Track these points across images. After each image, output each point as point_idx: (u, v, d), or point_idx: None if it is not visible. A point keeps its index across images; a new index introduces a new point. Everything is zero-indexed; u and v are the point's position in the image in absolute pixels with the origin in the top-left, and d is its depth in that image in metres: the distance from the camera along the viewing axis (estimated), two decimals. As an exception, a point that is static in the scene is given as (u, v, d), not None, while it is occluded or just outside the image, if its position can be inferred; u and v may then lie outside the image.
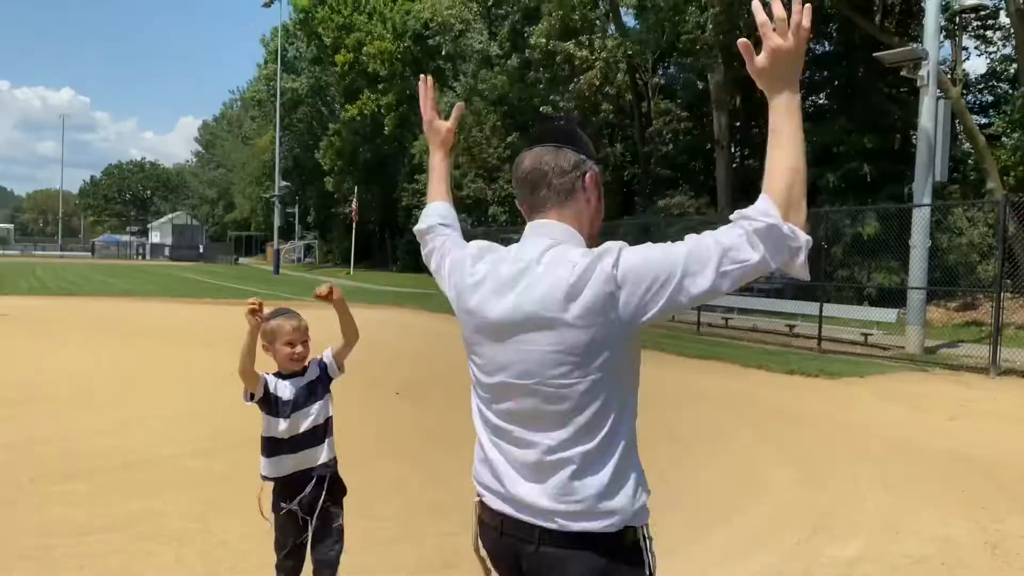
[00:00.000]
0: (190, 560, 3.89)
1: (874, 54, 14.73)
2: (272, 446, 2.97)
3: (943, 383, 10.42)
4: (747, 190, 28.39)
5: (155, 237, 79.52)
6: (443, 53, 39.29)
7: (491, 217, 32.15)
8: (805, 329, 15.24)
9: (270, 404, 2.95)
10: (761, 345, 14.43)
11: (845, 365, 11.61)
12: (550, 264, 1.69)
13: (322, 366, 3.07)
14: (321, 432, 3.01)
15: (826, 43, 27.00)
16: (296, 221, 66.13)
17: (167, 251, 70.48)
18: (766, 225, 1.55)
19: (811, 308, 15.22)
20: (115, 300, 21.92)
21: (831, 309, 15.06)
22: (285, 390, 2.97)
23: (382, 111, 43.53)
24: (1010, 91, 24.24)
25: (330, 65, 47.46)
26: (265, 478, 3.02)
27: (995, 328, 11.24)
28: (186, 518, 4.47)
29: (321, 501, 2.97)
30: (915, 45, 14.15)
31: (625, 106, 30.71)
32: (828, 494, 5.37)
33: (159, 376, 9.62)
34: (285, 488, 2.98)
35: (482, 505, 1.83)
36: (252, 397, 2.94)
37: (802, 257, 1.57)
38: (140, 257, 70.71)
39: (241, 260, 69.25)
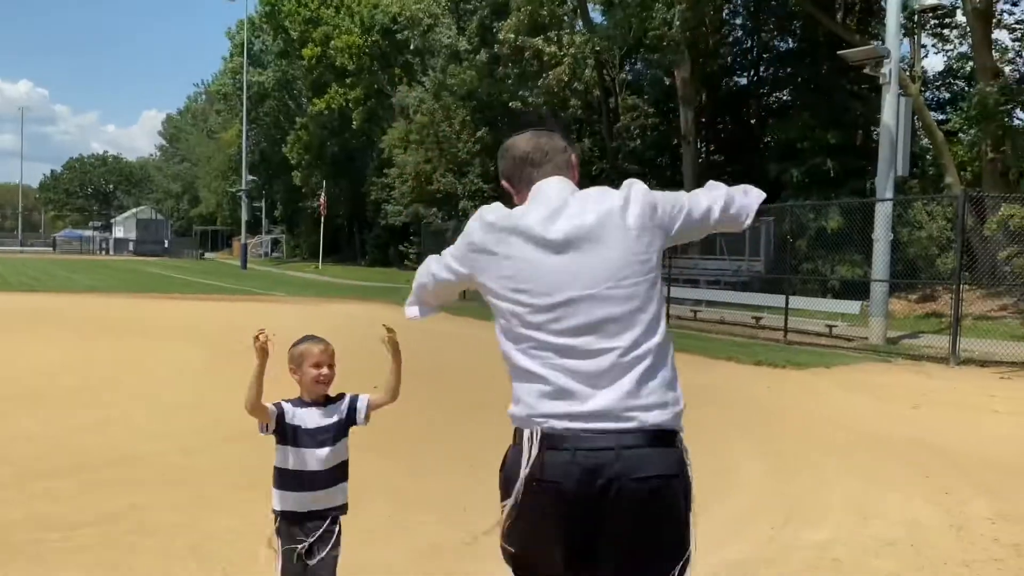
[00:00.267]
0: (181, 555, 3.95)
1: (838, 52, 15.06)
2: (288, 479, 2.82)
3: (905, 373, 10.74)
4: (714, 185, 28.77)
5: (119, 232, 78.23)
6: (411, 48, 39.15)
7: (462, 211, 32.19)
8: (771, 321, 15.55)
9: (286, 435, 2.82)
10: (729, 337, 14.70)
11: (811, 356, 11.91)
12: (584, 197, 2.01)
13: (352, 410, 2.95)
14: (341, 472, 2.91)
15: (790, 40, 27.47)
16: (263, 215, 65.53)
17: (131, 246, 69.34)
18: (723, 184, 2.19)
19: (777, 300, 15.54)
20: (81, 296, 21.61)
21: (797, 301, 15.39)
22: (308, 419, 2.85)
23: (350, 105, 43.32)
24: (966, 88, 24.85)
25: (297, 59, 47.07)
26: (277, 513, 2.86)
27: (955, 319, 11.60)
28: (173, 513, 4.52)
29: (331, 539, 2.86)
30: (876, 43, 14.51)
31: (593, 102, 30.93)
32: (799, 483, 5.57)
33: (137, 373, 9.59)
34: (296, 525, 2.83)
35: (546, 435, 1.85)
36: (267, 428, 2.84)
37: (753, 189, 2.16)
38: (103, 252, 69.49)
39: (207, 255, 68.45)
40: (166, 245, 70.26)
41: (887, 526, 4.67)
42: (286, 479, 2.82)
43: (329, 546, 2.82)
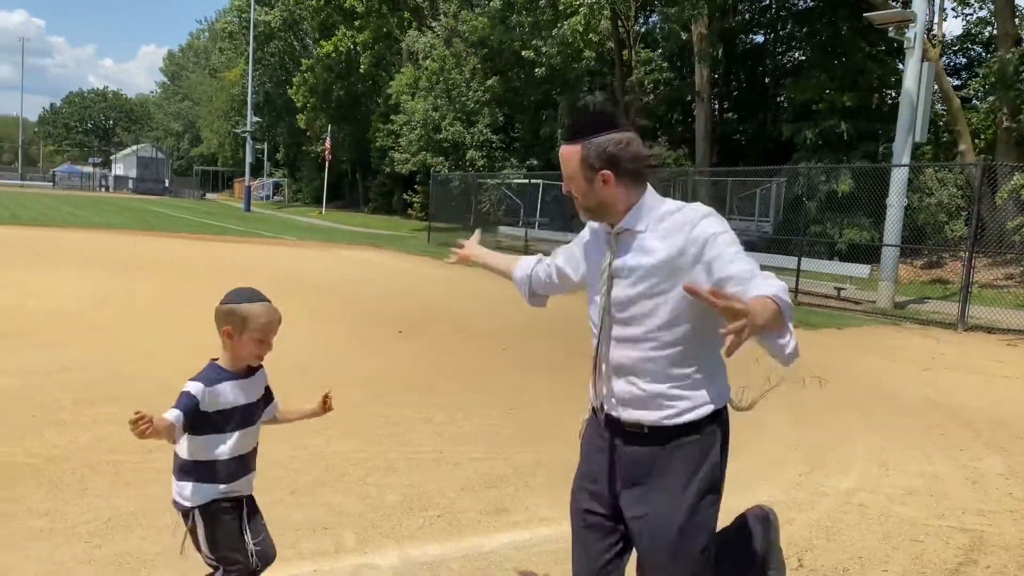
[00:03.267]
0: (248, 479, 4.17)
1: (864, 14, 14.97)
2: (215, 470, 2.38)
3: (914, 337, 10.97)
4: (726, 143, 28.75)
5: (119, 169, 77.83)
6: (422, -9, 38.67)
7: (469, 161, 32.11)
8: (780, 282, 15.71)
9: (213, 421, 2.33)
10: (739, 296, 14.87)
11: (822, 317, 12.13)
12: None
13: (268, 397, 2.56)
14: (254, 457, 2.53)
15: (809, -1, 27.18)
16: (265, 158, 65.18)
17: (131, 184, 69.11)
18: None
19: (788, 262, 15.70)
20: (92, 233, 21.71)
21: (808, 263, 15.55)
22: (232, 394, 2.38)
23: (358, 49, 42.83)
24: (983, 54, 24.71)
25: (305, -1, 46.42)
26: (208, 506, 2.39)
27: (965, 286, 11.78)
28: (234, 441, 4.73)
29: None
30: (897, 5, 14.43)
31: (606, 54, 30.63)
32: (821, 435, 5.80)
33: (167, 310, 9.78)
34: (224, 507, 2.44)
35: None
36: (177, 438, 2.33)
37: None
38: (103, 189, 69.25)
39: (207, 196, 68.28)
40: (166, 184, 70.02)
41: (907, 478, 4.92)
42: (214, 470, 2.38)
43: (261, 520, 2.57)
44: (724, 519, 3.97)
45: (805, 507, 4.33)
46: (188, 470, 2.37)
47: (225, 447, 2.37)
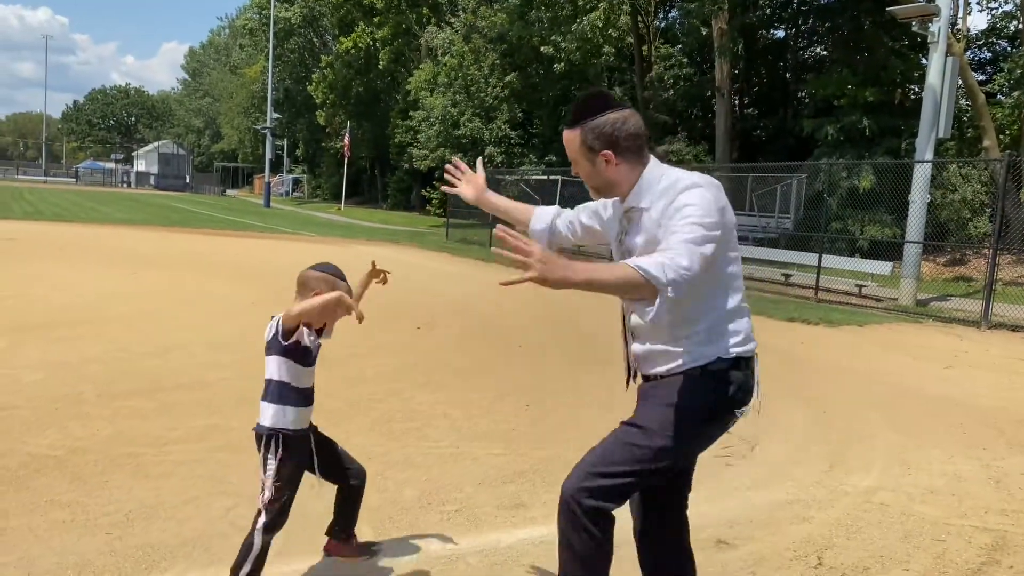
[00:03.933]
0: (269, 471, 4.19)
1: (887, 8, 14.80)
2: (302, 396, 2.83)
3: (937, 334, 10.86)
4: (746, 139, 28.56)
5: (140, 165, 78.49)
6: (441, -13, 38.66)
7: (487, 157, 32.09)
8: (800, 279, 15.61)
9: (303, 352, 2.80)
10: (758, 293, 14.78)
11: (843, 315, 12.02)
12: None
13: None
14: None
15: (831, -7, 26.89)
16: (284, 154, 65.53)
17: (153, 180, 69.68)
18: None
19: (809, 259, 15.58)
20: (115, 229, 21.94)
21: (828, 260, 15.42)
22: (311, 339, 2.84)
23: (377, 45, 42.93)
24: (1009, 48, 24.39)
25: (325, -6, 46.59)
26: (288, 433, 2.79)
27: (989, 283, 11.63)
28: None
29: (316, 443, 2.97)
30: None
31: (625, 49, 30.50)
32: (841, 433, 5.75)
33: (186, 305, 9.85)
34: (297, 442, 2.86)
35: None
36: (288, 336, 2.75)
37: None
38: (125, 185, 69.91)
39: (228, 192, 68.77)
40: (187, 180, 70.54)
41: (928, 476, 4.86)
42: (302, 396, 2.83)
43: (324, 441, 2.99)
44: (743, 513, 3.97)
45: (825, 505, 4.30)
46: (285, 394, 2.78)
47: (312, 379, 2.86)
